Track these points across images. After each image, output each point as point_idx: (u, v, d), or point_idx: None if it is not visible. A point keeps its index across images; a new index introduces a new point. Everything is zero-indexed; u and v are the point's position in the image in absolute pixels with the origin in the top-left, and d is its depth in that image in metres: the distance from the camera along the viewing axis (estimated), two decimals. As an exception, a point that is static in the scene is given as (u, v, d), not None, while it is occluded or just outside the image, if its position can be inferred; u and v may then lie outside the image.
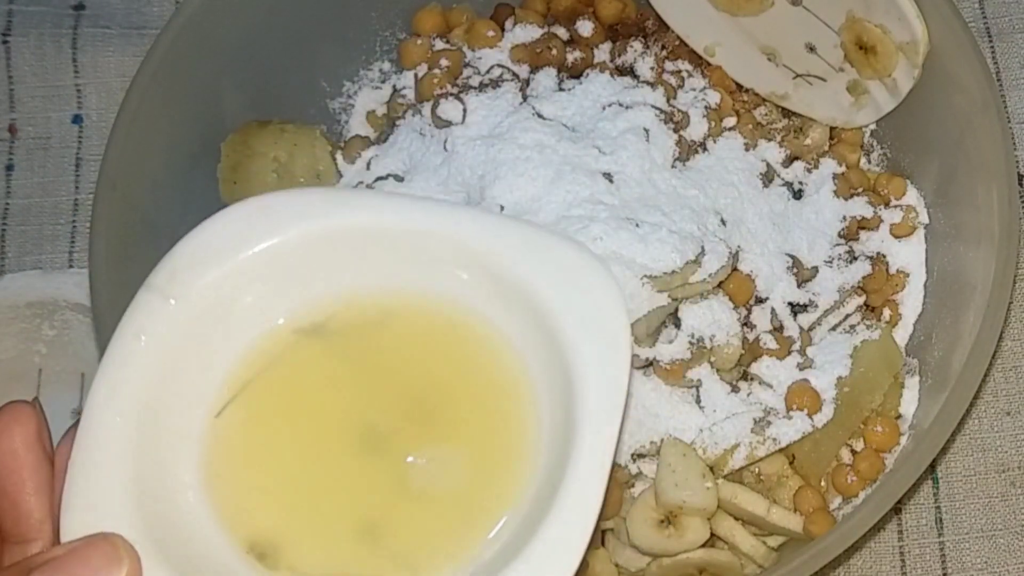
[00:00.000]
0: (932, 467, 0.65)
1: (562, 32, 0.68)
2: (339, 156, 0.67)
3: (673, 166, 0.62)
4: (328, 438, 0.42)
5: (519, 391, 0.42)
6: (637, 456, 0.59)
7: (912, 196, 0.66)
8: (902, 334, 0.64)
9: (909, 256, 0.65)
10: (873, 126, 0.67)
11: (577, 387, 0.40)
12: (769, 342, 0.61)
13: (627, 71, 0.67)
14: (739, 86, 0.68)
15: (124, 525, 0.39)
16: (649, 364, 0.59)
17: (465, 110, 0.63)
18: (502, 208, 0.59)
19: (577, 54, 0.67)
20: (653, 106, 0.63)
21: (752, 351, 0.61)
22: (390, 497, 0.41)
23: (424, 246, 0.43)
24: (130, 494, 0.39)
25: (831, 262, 0.64)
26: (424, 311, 0.44)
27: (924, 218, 0.65)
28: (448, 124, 0.63)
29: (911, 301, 0.65)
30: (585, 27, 0.68)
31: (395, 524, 0.41)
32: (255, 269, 0.42)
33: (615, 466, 0.58)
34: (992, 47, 0.73)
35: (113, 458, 0.39)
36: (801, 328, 0.63)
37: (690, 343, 0.59)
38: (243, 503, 0.41)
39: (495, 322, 0.43)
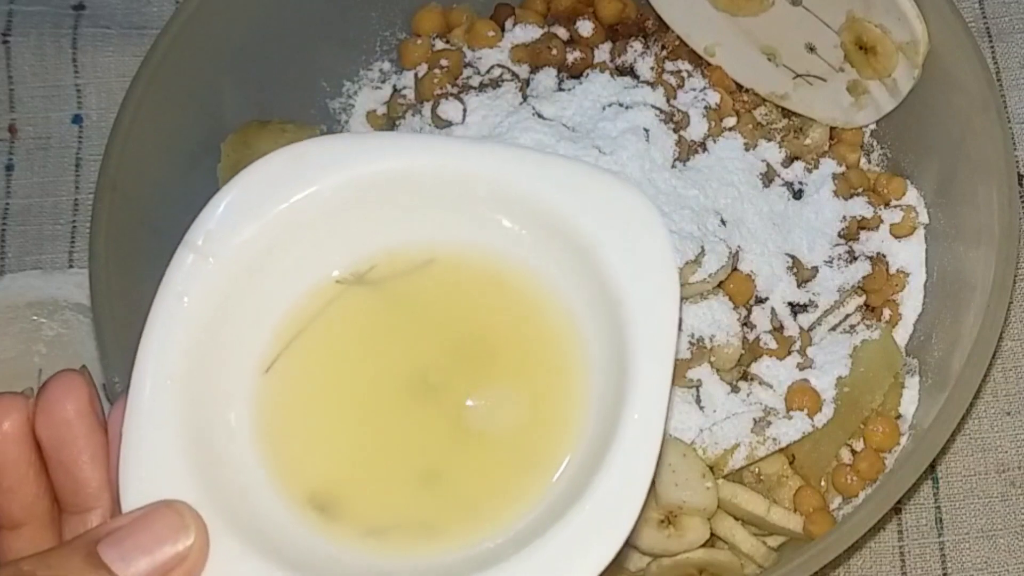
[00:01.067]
0: (932, 467, 0.65)
1: (562, 32, 0.68)
2: (339, 156, 0.66)
3: (673, 166, 0.62)
4: (381, 386, 0.41)
5: (568, 333, 0.41)
6: (637, 456, 0.59)
7: (912, 196, 0.66)
8: (902, 334, 0.64)
9: (909, 256, 0.65)
10: (873, 126, 0.67)
11: (627, 326, 0.39)
12: (769, 342, 0.61)
13: (627, 71, 0.67)
14: (739, 86, 0.68)
15: (185, 490, 0.38)
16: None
17: (465, 110, 0.63)
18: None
19: (577, 54, 0.67)
20: (653, 106, 0.63)
21: (752, 351, 0.61)
22: (448, 442, 0.41)
23: (464, 189, 0.42)
24: (188, 457, 0.38)
25: (831, 262, 0.64)
26: (468, 257, 0.42)
27: (924, 218, 0.65)
28: (448, 124, 0.63)
29: (911, 301, 0.65)
30: (585, 27, 0.68)
31: (456, 468, 0.40)
32: (292, 221, 0.41)
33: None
34: (992, 47, 0.73)
35: (167, 422, 0.38)
36: (801, 328, 0.63)
37: (690, 343, 0.59)
38: (300, 458, 0.40)
39: (540, 265, 0.42)
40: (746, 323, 0.61)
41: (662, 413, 0.38)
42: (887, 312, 0.64)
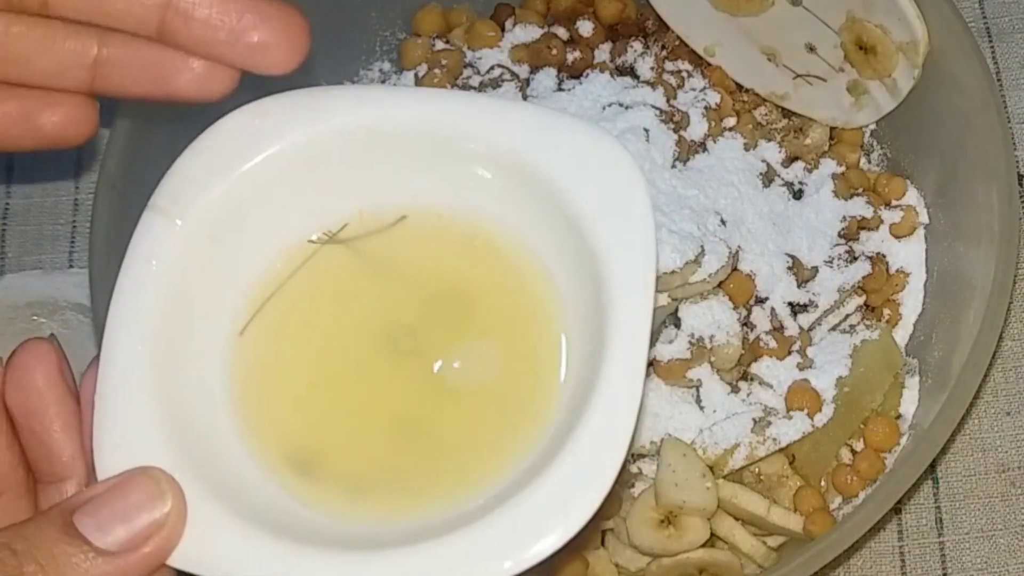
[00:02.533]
0: (932, 467, 0.65)
1: (562, 32, 0.68)
2: (339, 156, 0.67)
3: (673, 166, 0.62)
4: (356, 344, 0.41)
5: (543, 286, 0.41)
6: (637, 456, 0.59)
7: (912, 196, 0.66)
8: (902, 334, 0.64)
9: (909, 256, 0.65)
10: (873, 126, 0.67)
11: (603, 269, 0.39)
12: (769, 342, 0.61)
13: (627, 71, 0.67)
14: (739, 86, 0.68)
15: (161, 456, 0.37)
16: (649, 364, 0.59)
17: (465, 110, 0.63)
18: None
19: (577, 54, 0.67)
20: (653, 106, 0.63)
21: (752, 351, 0.61)
22: (427, 397, 0.40)
23: (437, 142, 0.41)
24: (162, 423, 0.38)
25: (831, 262, 0.64)
26: (441, 212, 0.42)
27: (924, 218, 0.65)
28: (448, 124, 0.63)
29: (911, 301, 0.65)
30: (585, 27, 0.68)
31: (436, 423, 0.40)
32: (259, 180, 0.40)
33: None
34: (992, 47, 0.73)
35: (140, 387, 0.38)
36: (801, 328, 0.63)
37: (690, 343, 0.59)
38: (277, 419, 0.40)
39: (513, 218, 0.41)
40: (746, 323, 0.61)
41: (642, 361, 0.38)
42: (887, 312, 0.64)
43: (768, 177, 0.65)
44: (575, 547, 0.38)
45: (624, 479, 0.59)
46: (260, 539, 0.37)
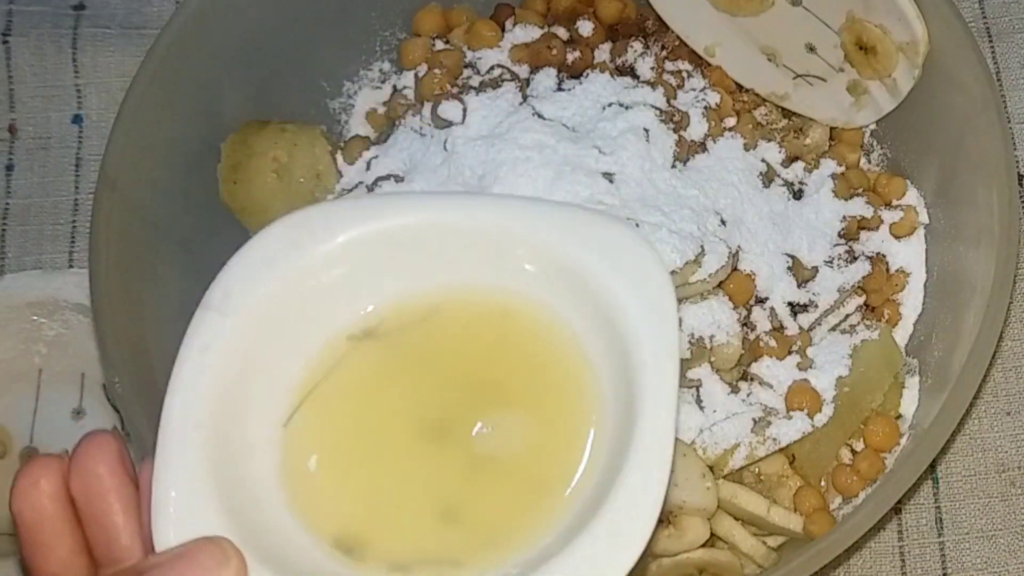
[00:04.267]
0: (932, 467, 0.65)
1: (562, 32, 0.68)
2: (339, 156, 0.67)
3: (673, 166, 0.62)
4: (395, 431, 0.43)
5: (574, 358, 0.43)
6: (637, 456, 0.59)
7: (912, 196, 0.66)
8: (902, 334, 0.64)
9: (909, 256, 0.65)
10: (873, 126, 0.67)
11: (633, 353, 0.41)
12: (769, 342, 0.61)
13: (627, 71, 0.67)
14: (739, 86, 0.68)
15: (217, 530, 0.39)
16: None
17: (465, 110, 0.63)
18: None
19: (577, 54, 0.67)
20: (653, 106, 0.63)
21: (752, 351, 0.61)
22: (463, 477, 0.42)
23: (477, 241, 0.44)
24: (218, 503, 0.40)
25: (831, 262, 0.64)
26: (474, 300, 0.44)
27: (924, 218, 0.65)
28: (448, 124, 0.63)
29: (911, 301, 0.65)
30: (585, 27, 0.68)
31: (472, 502, 0.42)
32: (303, 279, 0.43)
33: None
34: (992, 47, 0.73)
35: (195, 469, 0.40)
36: (801, 328, 0.63)
37: (690, 343, 0.59)
38: (323, 504, 0.42)
39: (543, 301, 0.44)
40: (746, 323, 0.61)
41: (672, 420, 0.40)
42: (887, 312, 0.64)
43: (768, 177, 0.65)
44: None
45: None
46: None
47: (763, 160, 0.65)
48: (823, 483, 0.61)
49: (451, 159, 0.62)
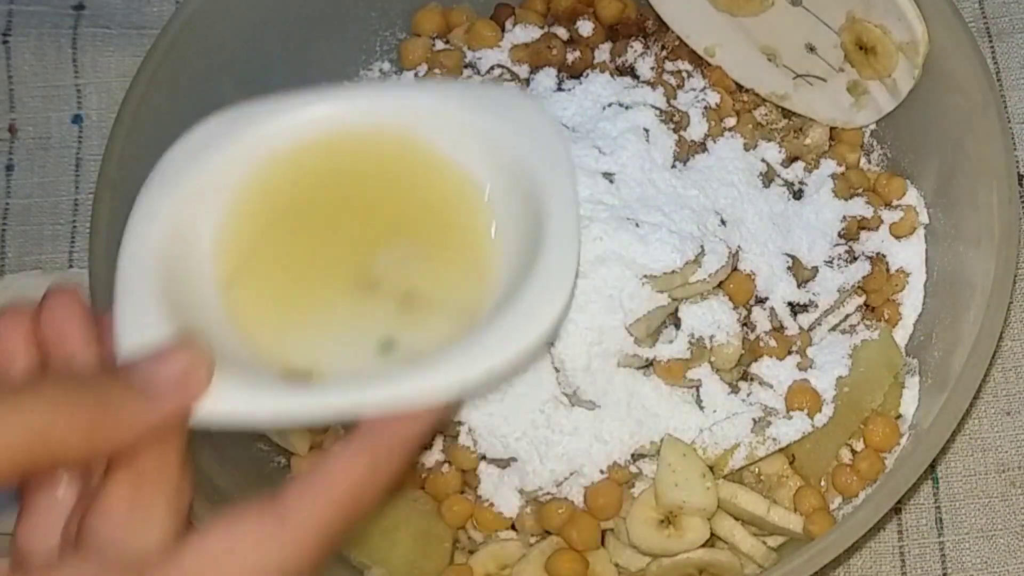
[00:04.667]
0: (932, 467, 0.65)
1: (562, 32, 0.69)
2: (339, 156, 0.67)
3: (673, 166, 0.62)
4: (329, 274, 0.46)
5: (469, 189, 0.46)
6: (637, 456, 0.59)
7: (912, 196, 0.66)
8: (902, 334, 0.64)
9: (909, 256, 0.65)
10: (873, 126, 0.67)
11: (532, 172, 0.45)
12: (769, 342, 0.61)
13: (627, 71, 0.67)
14: (739, 86, 0.68)
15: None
16: (649, 364, 0.59)
17: (465, 110, 0.63)
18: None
19: (577, 54, 0.67)
20: (653, 106, 0.63)
21: (752, 351, 0.61)
22: (396, 315, 0.45)
23: (380, 120, 0.47)
24: (167, 315, 0.42)
25: (831, 262, 0.64)
26: (380, 136, 0.47)
27: (924, 218, 0.65)
28: (448, 124, 0.63)
29: (911, 301, 0.65)
30: (585, 27, 0.68)
31: (407, 336, 0.44)
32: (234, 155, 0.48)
33: (615, 466, 0.58)
34: (992, 47, 0.73)
35: (152, 307, 0.42)
36: (801, 328, 0.63)
37: (690, 343, 0.59)
38: (273, 344, 0.44)
39: (447, 148, 0.47)
40: (746, 323, 0.61)
41: (576, 217, 0.44)
42: (887, 312, 0.64)
43: (768, 177, 0.65)
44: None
45: (624, 479, 0.59)
46: (277, 389, 0.42)
47: (763, 160, 0.65)
48: (823, 483, 0.61)
49: (451, 159, 0.62)
